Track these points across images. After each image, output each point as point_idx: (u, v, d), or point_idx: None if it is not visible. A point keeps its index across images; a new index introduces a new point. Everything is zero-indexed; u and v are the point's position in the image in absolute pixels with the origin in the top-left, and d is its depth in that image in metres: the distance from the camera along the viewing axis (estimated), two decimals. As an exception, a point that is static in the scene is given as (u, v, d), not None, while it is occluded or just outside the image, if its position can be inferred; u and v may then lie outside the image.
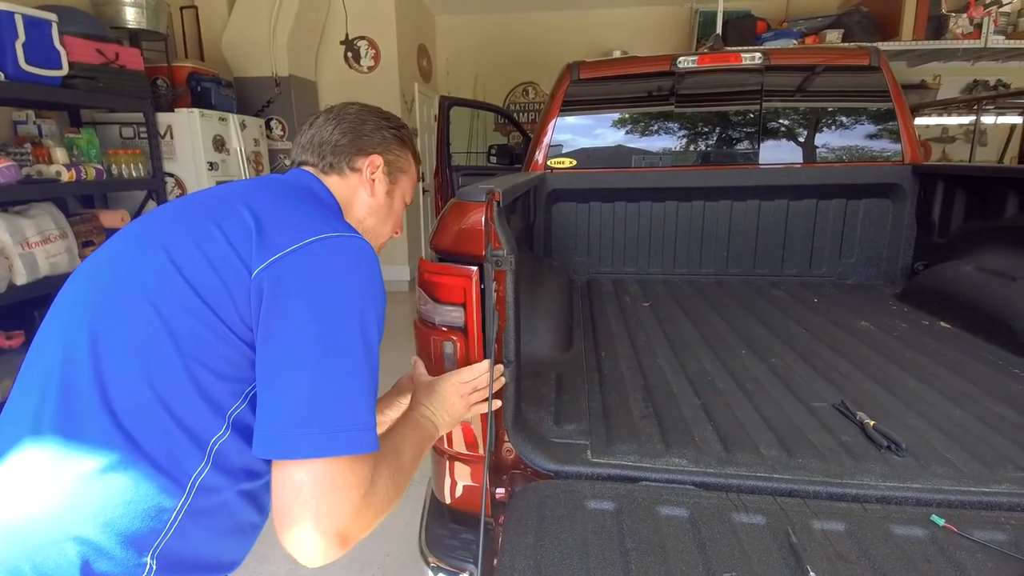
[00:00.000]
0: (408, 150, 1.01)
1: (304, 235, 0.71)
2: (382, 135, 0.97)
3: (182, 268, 0.69)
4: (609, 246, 2.73)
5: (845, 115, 2.55)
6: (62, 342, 0.71)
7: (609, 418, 1.32)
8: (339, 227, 0.76)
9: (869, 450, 1.16)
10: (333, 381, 0.65)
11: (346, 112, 0.96)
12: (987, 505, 1.00)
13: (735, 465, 1.11)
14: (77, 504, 0.62)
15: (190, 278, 0.69)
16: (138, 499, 0.64)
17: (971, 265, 2.04)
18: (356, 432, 0.65)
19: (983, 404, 1.37)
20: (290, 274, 0.68)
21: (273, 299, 0.67)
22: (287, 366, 0.65)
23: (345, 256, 0.72)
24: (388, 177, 0.98)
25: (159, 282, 0.69)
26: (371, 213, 0.97)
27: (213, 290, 0.68)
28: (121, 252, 0.76)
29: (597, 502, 0.99)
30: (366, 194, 0.95)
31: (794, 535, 0.90)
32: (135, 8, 3.67)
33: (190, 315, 0.67)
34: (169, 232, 0.74)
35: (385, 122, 0.98)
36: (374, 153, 0.95)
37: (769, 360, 1.66)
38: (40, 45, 2.85)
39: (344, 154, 0.93)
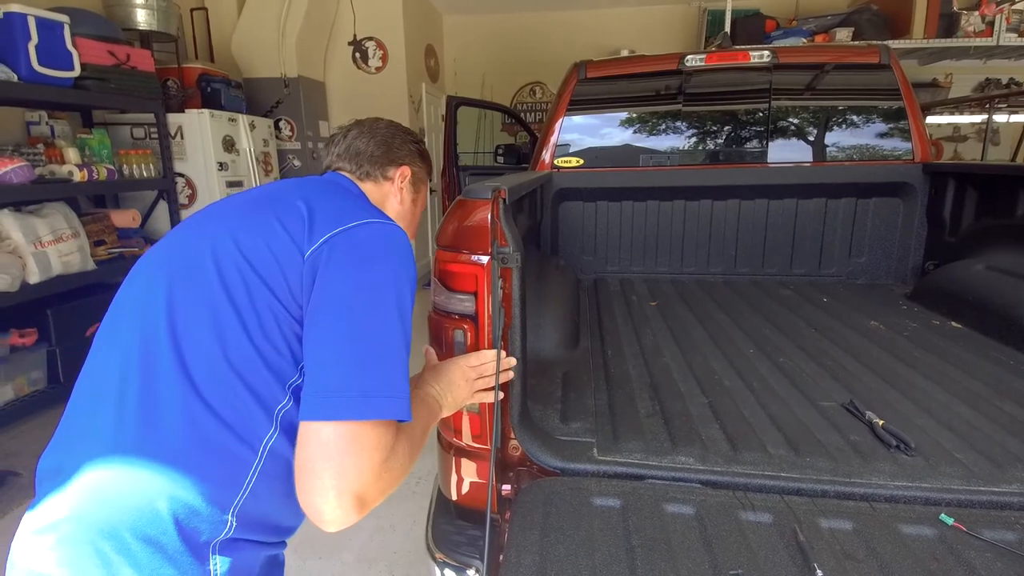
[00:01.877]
0: (427, 163, 1.13)
1: (349, 220, 0.80)
2: (408, 148, 1.08)
3: (247, 254, 0.76)
4: (616, 245, 2.73)
5: (855, 113, 2.53)
6: (139, 321, 0.76)
7: (615, 416, 1.32)
8: (379, 216, 0.86)
9: (878, 449, 1.16)
10: (372, 349, 0.71)
11: (378, 127, 1.07)
12: (997, 505, 0.99)
13: (742, 464, 1.10)
14: (165, 469, 0.68)
15: (253, 262, 0.76)
16: (220, 463, 0.71)
17: (982, 264, 2.02)
18: (390, 399, 0.69)
19: (993, 404, 1.36)
20: (337, 252, 0.76)
21: (322, 274, 0.74)
22: (331, 333, 0.71)
23: (384, 238, 0.80)
24: (413, 187, 1.09)
25: (227, 266, 0.76)
26: (399, 217, 1.06)
27: (271, 273, 0.75)
28: (188, 239, 0.83)
29: (603, 499, 0.99)
30: (396, 201, 1.06)
31: (801, 533, 0.89)
32: (146, 10, 3.71)
33: (254, 294, 0.74)
34: (235, 221, 0.82)
35: (410, 137, 1.10)
36: (404, 164, 1.06)
37: (777, 359, 1.65)
38: (52, 47, 2.89)
39: (379, 164, 1.04)
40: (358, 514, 0.68)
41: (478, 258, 1.00)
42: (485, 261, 1.00)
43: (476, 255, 1.00)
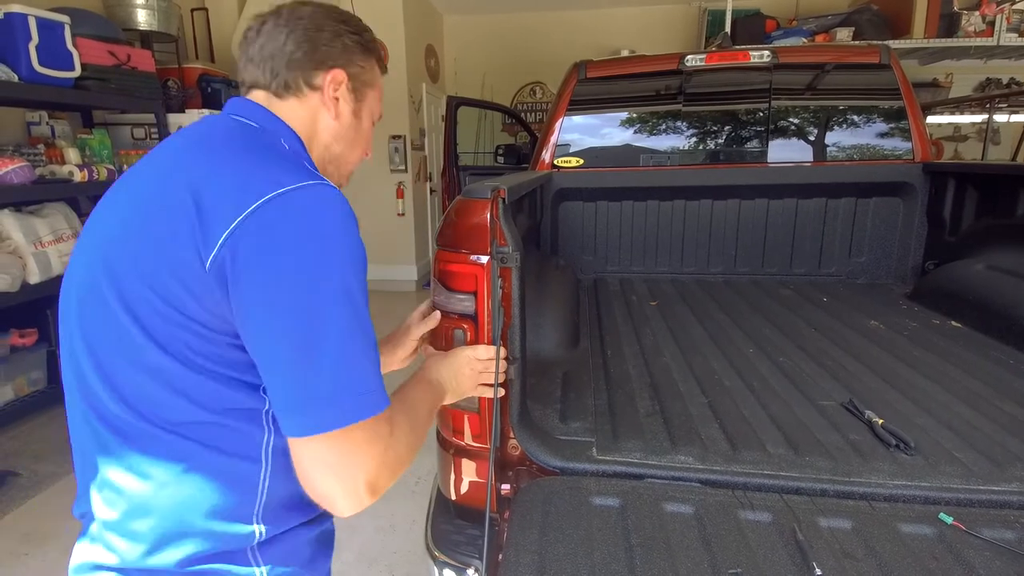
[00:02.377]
0: (373, 58, 0.87)
1: (252, 197, 0.61)
2: (343, 43, 0.81)
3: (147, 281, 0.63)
4: (616, 245, 2.73)
5: (855, 113, 2.53)
6: (75, 374, 0.70)
7: (615, 416, 1.32)
8: (293, 175, 0.66)
9: (877, 449, 1.16)
10: (325, 354, 0.61)
11: (298, 16, 0.79)
12: (996, 504, 0.99)
13: (741, 463, 1.10)
14: (177, 515, 0.66)
15: (156, 290, 0.63)
16: (228, 486, 0.67)
17: (982, 264, 2.02)
18: (361, 397, 0.63)
19: (993, 403, 1.36)
20: (244, 252, 0.60)
21: (235, 283, 0.60)
22: (276, 349, 0.62)
23: (306, 213, 0.63)
24: (353, 94, 0.84)
25: (132, 300, 0.64)
26: (338, 138, 0.85)
27: (178, 297, 0.62)
28: (82, 264, 0.70)
29: (602, 498, 0.99)
30: (330, 117, 0.82)
31: (800, 532, 0.89)
32: (146, 10, 3.71)
33: (173, 326, 0.63)
34: (119, 243, 0.66)
35: (345, 27, 0.82)
36: (336, 67, 0.81)
37: (777, 359, 1.65)
38: (53, 47, 2.89)
39: (301, 69, 0.78)
40: (372, 500, 0.66)
41: (477, 258, 1.00)
42: (484, 261, 1.00)
43: (475, 255, 1.00)
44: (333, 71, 0.80)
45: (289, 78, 0.78)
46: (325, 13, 0.82)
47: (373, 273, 5.94)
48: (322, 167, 0.84)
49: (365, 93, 0.86)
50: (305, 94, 0.80)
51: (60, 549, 2.03)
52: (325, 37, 0.80)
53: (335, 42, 0.81)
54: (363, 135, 0.89)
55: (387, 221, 5.80)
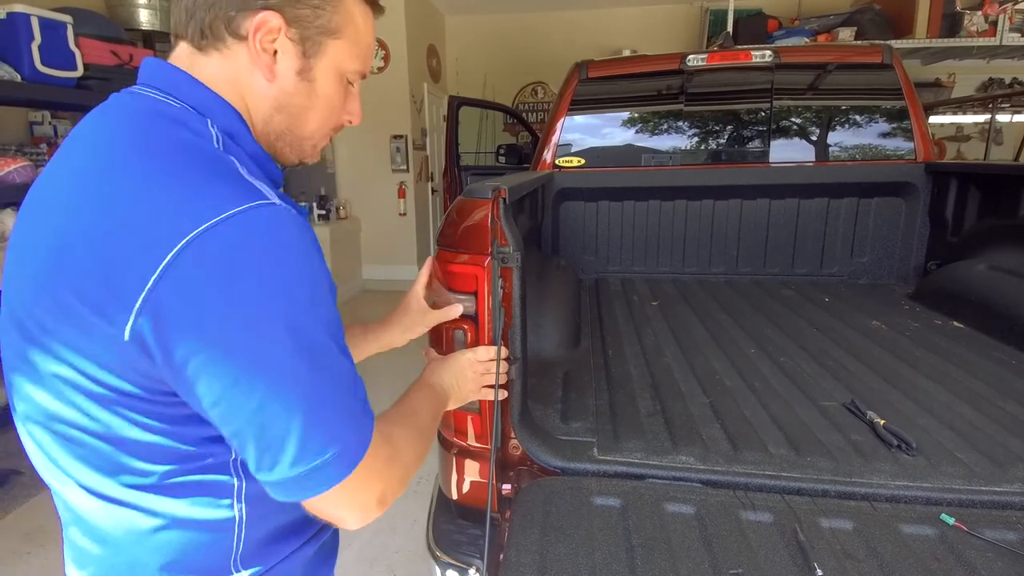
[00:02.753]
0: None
1: (161, 247, 0.47)
2: None
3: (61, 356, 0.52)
4: (618, 245, 2.73)
5: (857, 113, 2.52)
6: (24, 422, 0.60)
7: (616, 416, 1.32)
8: (215, 197, 0.49)
9: (879, 449, 1.15)
10: (282, 418, 0.50)
11: None
12: (998, 504, 0.99)
13: (743, 463, 1.10)
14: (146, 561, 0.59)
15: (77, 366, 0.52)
16: (199, 544, 0.59)
17: (984, 264, 2.01)
18: (343, 450, 0.54)
19: (995, 404, 1.35)
20: (166, 319, 0.47)
21: (163, 356, 0.48)
22: (231, 425, 0.51)
23: (232, 260, 0.48)
24: (301, 46, 0.61)
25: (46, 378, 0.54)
26: (279, 107, 0.63)
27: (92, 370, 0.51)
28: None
29: (603, 499, 0.99)
30: (263, 78, 0.60)
31: (802, 533, 0.89)
32: (148, 10, 3.72)
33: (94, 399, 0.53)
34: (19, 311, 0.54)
35: None
36: (268, 7, 0.57)
37: (778, 359, 1.65)
38: (56, 47, 2.90)
39: (219, 7, 0.57)
40: (382, 512, 0.61)
41: (478, 258, 1.00)
42: (485, 261, 1.00)
43: (476, 255, 1.00)
44: (262, 13, 0.57)
45: (205, 21, 0.57)
46: None
47: (375, 273, 5.95)
48: (268, 144, 0.65)
49: (322, 44, 0.62)
50: (228, 45, 0.59)
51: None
52: None
53: None
54: (322, 100, 0.65)
55: (389, 221, 5.81)
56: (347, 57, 0.65)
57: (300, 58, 0.61)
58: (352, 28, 0.64)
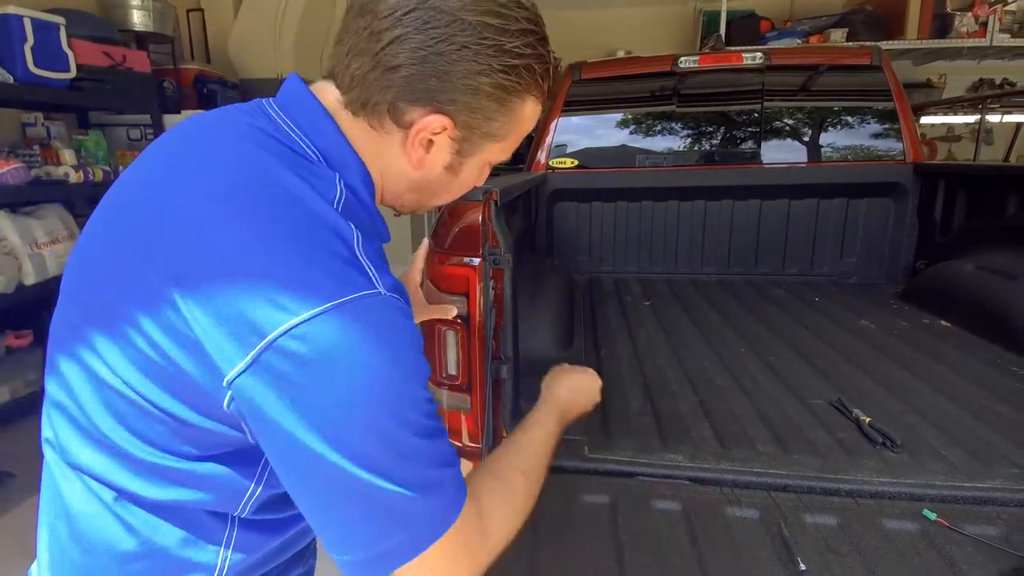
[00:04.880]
0: (521, 104, 0.57)
1: (267, 326, 0.44)
2: (471, 84, 0.52)
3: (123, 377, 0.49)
4: (611, 245, 2.75)
5: (846, 114, 2.55)
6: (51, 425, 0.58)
7: (607, 415, 1.33)
8: (332, 279, 0.46)
9: (864, 446, 1.17)
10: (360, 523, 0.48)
11: (428, 7, 0.50)
12: (980, 500, 1.01)
13: (730, 461, 1.12)
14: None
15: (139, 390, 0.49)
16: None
17: (972, 264, 2.04)
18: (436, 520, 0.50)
19: (980, 402, 1.38)
20: (259, 400, 0.45)
21: (252, 428, 0.48)
22: (307, 506, 0.50)
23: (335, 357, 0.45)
24: (459, 144, 0.57)
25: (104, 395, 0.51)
26: (416, 190, 0.62)
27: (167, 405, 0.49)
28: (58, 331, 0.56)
29: (593, 496, 1.01)
30: (408, 164, 0.58)
31: (786, 528, 0.91)
32: (142, 11, 3.72)
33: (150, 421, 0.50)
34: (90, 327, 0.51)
35: (495, 56, 0.52)
36: (440, 112, 0.53)
37: (768, 358, 1.67)
38: (48, 48, 2.89)
39: (393, 92, 0.52)
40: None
41: (469, 260, 1.01)
42: (477, 263, 1.01)
43: (467, 257, 1.01)
44: (434, 116, 0.53)
45: (372, 99, 0.53)
46: (479, 18, 0.50)
47: (370, 273, 5.93)
48: (391, 205, 0.65)
49: (480, 146, 0.59)
50: (384, 127, 0.55)
51: (57, 549, 2.04)
52: (448, 62, 0.51)
53: (457, 75, 0.51)
54: (459, 185, 0.64)
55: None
56: (500, 153, 0.62)
57: (453, 155, 0.59)
58: (516, 130, 0.60)
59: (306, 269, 0.46)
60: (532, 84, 0.56)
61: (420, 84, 0.51)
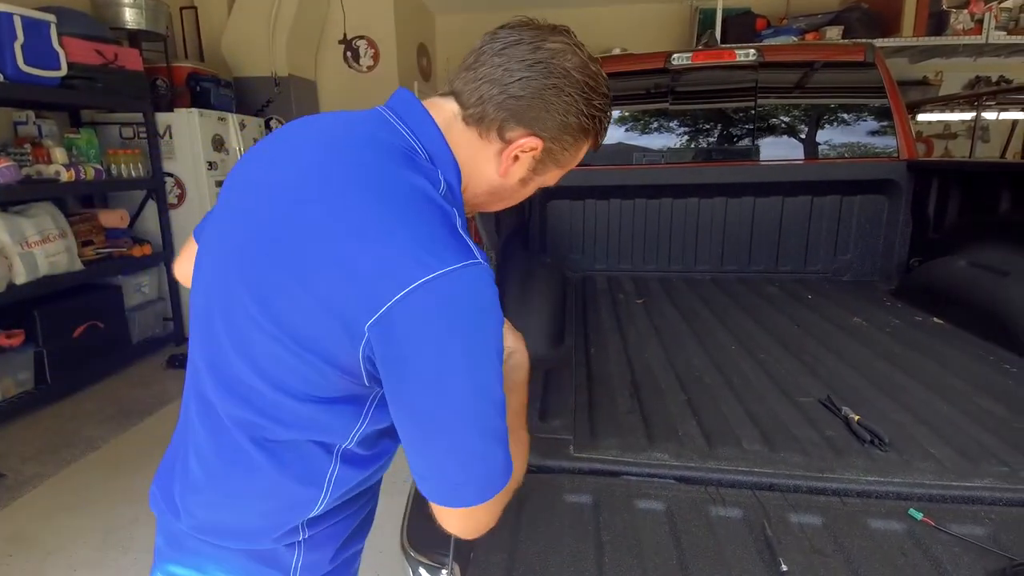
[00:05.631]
0: (584, 144, 0.75)
1: (396, 285, 0.56)
2: (564, 120, 0.69)
3: (277, 330, 0.61)
4: (604, 243, 2.73)
5: (840, 111, 2.54)
6: (197, 364, 0.71)
7: (594, 413, 1.32)
8: (443, 249, 0.58)
9: (852, 444, 1.16)
10: (459, 450, 0.61)
11: (552, 63, 0.67)
12: (968, 499, 1.00)
13: (716, 459, 1.11)
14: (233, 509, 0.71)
15: (289, 337, 0.61)
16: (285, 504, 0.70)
17: (964, 260, 2.03)
18: (487, 484, 0.63)
19: (971, 399, 1.37)
20: (388, 344, 0.57)
21: (380, 369, 0.59)
22: (413, 435, 0.62)
23: (452, 308, 0.57)
24: (537, 164, 0.73)
25: (255, 343, 0.63)
26: (491, 192, 0.76)
27: (318, 350, 0.61)
28: (206, 276, 0.70)
29: (576, 496, 1.00)
30: (496, 171, 0.72)
31: (769, 528, 0.90)
32: (134, 9, 3.70)
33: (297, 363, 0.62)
34: (250, 280, 0.63)
35: (584, 105, 0.69)
36: (536, 135, 0.69)
37: (758, 356, 1.66)
38: (39, 46, 2.88)
39: (506, 114, 0.68)
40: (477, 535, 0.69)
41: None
42: None
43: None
44: (531, 138, 0.69)
45: (488, 115, 0.68)
46: (583, 77, 0.68)
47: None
48: (466, 203, 0.77)
49: (548, 168, 0.76)
50: (489, 138, 0.70)
51: (45, 551, 2.02)
52: (554, 101, 0.67)
53: (557, 111, 0.68)
54: (520, 196, 0.81)
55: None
56: (555, 178, 0.80)
57: (529, 172, 0.74)
58: (572, 162, 0.77)
59: (435, 238, 0.58)
60: (596, 132, 0.74)
61: (530, 113, 0.68)
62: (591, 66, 0.69)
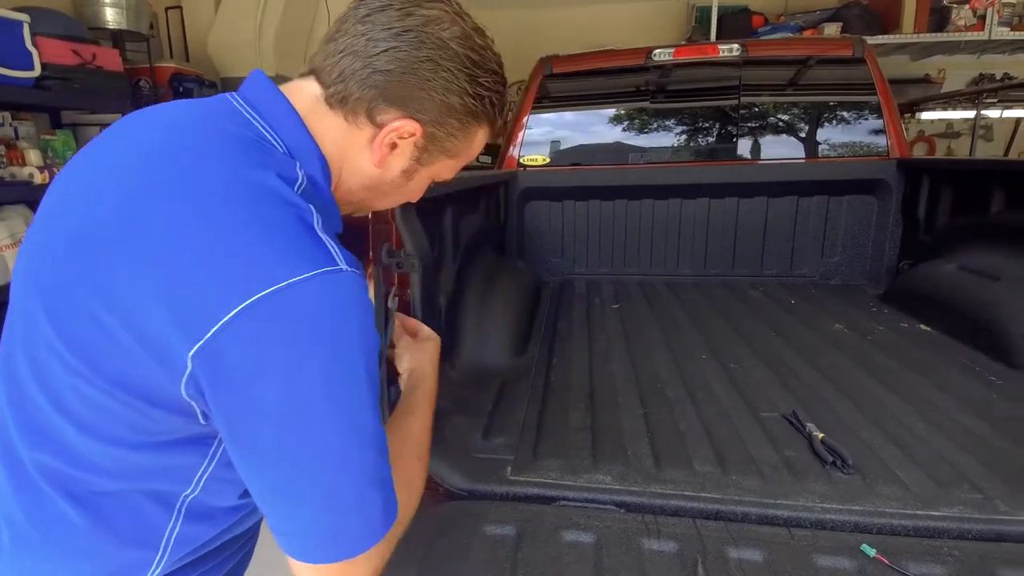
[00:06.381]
0: (477, 130, 0.65)
1: (233, 297, 0.46)
2: (445, 100, 0.59)
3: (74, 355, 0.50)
4: (584, 247, 2.65)
5: (827, 109, 2.44)
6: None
7: (542, 430, 1.24)
8: (295, 254, 0.49)
9: (812, 466, 1.07)
10: (329, 502, 0.50)
11: (424, 31, 0.57)
12: (932, 532, 0.91)
13: (661, 483, 1.02)
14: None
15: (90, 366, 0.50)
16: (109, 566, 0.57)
17: (954, 264, 1.93)
18: (365, 533, 0.52)
19: (950, 415, 1.27)
20: (222, 370, 0.47)
21: (211, 402, 0.48)
22: (262, 488, 0.51)
23: (304, 324, 0.47)
24: (420, 153, 0.64)
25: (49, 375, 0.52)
26: (368, 188, 0.66)
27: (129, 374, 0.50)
28: (14, 306, 0.58)
29: (498, 527, 0.91)
30: (371, 162, 0.62)
31: (703, 566, 0.81)
32: (115, 8, 3.66)
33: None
34: (52, 297, 0.52)
35: (468, 82, 0.60)
36: (412, 118, 0.59)
37: (728, 365, 1.57)
38: (10, 46, 2.83)
39: (372, 92, 0.57)
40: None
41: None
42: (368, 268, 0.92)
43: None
44: (407, 121, 0.59)
45: (353, 94, 0.58)
46: (464, 50, 0.59)
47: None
48: (340, 201, 0.67)
49: (436, 158, 0.65)
50: (358, 122, 0.60)
51: None
52: (430, 77, 0.57)
53: (435, 90, 0.58)
54: (407, 193, 0.70)
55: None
56: (448, 171, 0.70)
57: (412, 162, 0.65)
58: (467, 152, 0.68)
59: (279, 243, 0.49)
60: (490, 116, 0.65)
61: (401, 91, 0.58)
62: (476, 38, 0.60)
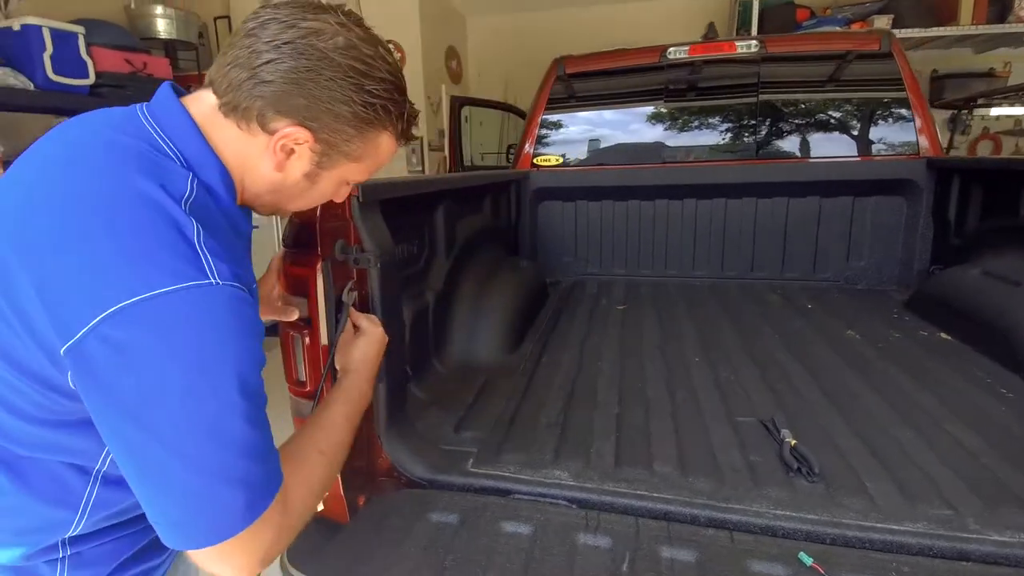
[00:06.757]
0: (376, 135, 0.67)
1: (98, 304, 0.49)
2: (331, 109, 0.62)
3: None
4: (597, 247, 2.63)
5: (851, 105, 2.34)
6: None
7: (513, 426, 1.25)
8: (167, 265, 0.52)
9: (776, 473, 1.05)
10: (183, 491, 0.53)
11: (302, 43, 0.59)
12: (887, 546, 0.87)
13: (616, 481, 1.02)
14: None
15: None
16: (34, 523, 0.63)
17: (979, 269, 1.81)
18: (235, 515, 0.54)
19: (941, 427, 1.21)
20: (89, 368, 0.51)
21: (87, 397, 0.53)
22: (128, 471, 0.54)
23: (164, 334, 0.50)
24: (318, 157, 0.65)
25: None
26: (273, 191, 0.68)
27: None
28: None
29: (443, 515, 0.94)
30: (270, 166, 0.65)
31: (629, 563, 0.81)
32: (165, 19, 3.89)
33: None
34: None
35: (354, 91, 0.62)
36: (303, 126, 0.62)
37: (719, 369, 1.54)
38: (68, 56, 3.06)
39: (262, 102, 0.60)
40: (263, 569, 0.60)
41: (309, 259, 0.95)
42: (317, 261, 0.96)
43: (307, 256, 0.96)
44: (297, 128, 0.62)
45: (243, 103, 0.60)
46: (347, 60, 0.61)
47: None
48: (249, 203, 0.71)
49: (338, 162, 0.67)
50: (252, 129, 0.62)
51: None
52: (311, 88, 0.60)
53: (322, 99, 0.61)
54: (316, 195, 0.72)
55: (406, 221, 5.84)
56: (356, 174, 0.72)
57: (312, 166, 0.67)
58: (373, 156, 0.70)
59: (147, 254, 0.51)
60: (388, 122, 0.67)
61: (288, 100, 0.60)
62: (363, 47, 0.61)
